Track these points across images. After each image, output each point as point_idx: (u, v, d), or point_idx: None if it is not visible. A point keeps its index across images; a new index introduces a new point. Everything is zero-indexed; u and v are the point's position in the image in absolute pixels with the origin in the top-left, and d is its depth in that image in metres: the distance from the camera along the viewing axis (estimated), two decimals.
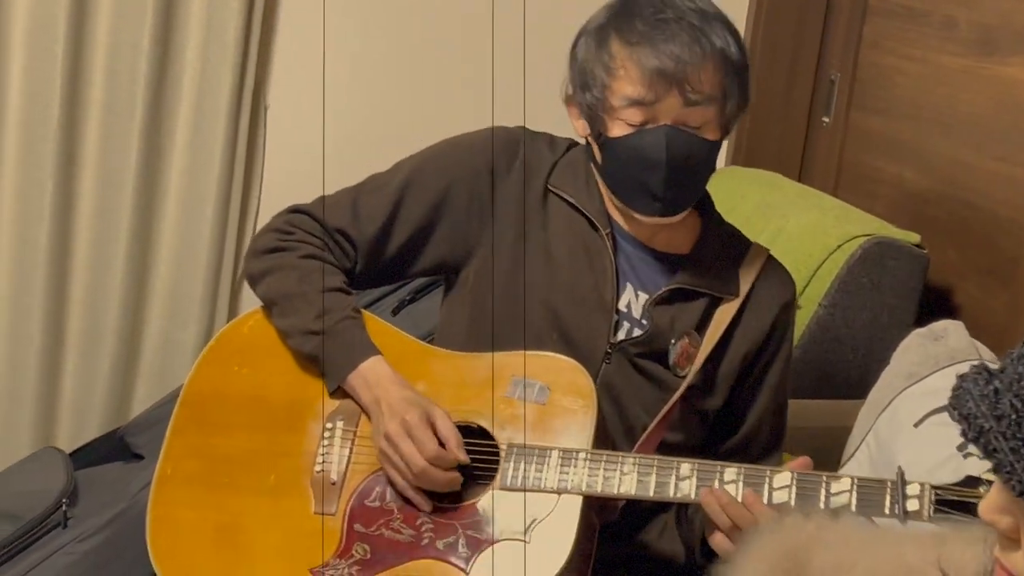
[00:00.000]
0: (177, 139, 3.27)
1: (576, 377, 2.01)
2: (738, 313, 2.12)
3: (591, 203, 2.12)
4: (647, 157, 2.01)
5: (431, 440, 1.95)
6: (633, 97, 2.00)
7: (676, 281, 2.11)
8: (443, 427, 1.97)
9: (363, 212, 2.16)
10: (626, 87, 2.00)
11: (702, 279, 2.12)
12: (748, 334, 2.13)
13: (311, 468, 2.03)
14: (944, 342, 2.50)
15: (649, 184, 2.03)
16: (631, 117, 2.01)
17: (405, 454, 1.95)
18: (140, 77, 3.17)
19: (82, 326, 3.28)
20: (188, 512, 2.05)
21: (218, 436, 2.09)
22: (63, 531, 2.59)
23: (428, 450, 1.94)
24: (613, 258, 2.10)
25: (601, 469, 1.93)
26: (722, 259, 2.15)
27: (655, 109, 1.99)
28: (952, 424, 2.28)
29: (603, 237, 2.10)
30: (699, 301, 2.12)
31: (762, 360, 2.16)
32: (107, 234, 3.25)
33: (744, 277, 2.14)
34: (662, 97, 1.98)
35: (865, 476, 1.88)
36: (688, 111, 2.00)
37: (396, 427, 1.96)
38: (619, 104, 2.01)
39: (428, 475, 1.95)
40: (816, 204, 3.07)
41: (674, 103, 1.99)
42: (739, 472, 1.89)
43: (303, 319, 2.08)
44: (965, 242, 2.92)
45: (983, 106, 2.89)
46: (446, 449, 1.95)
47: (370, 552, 1.96)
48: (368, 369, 2.04)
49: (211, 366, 2.15)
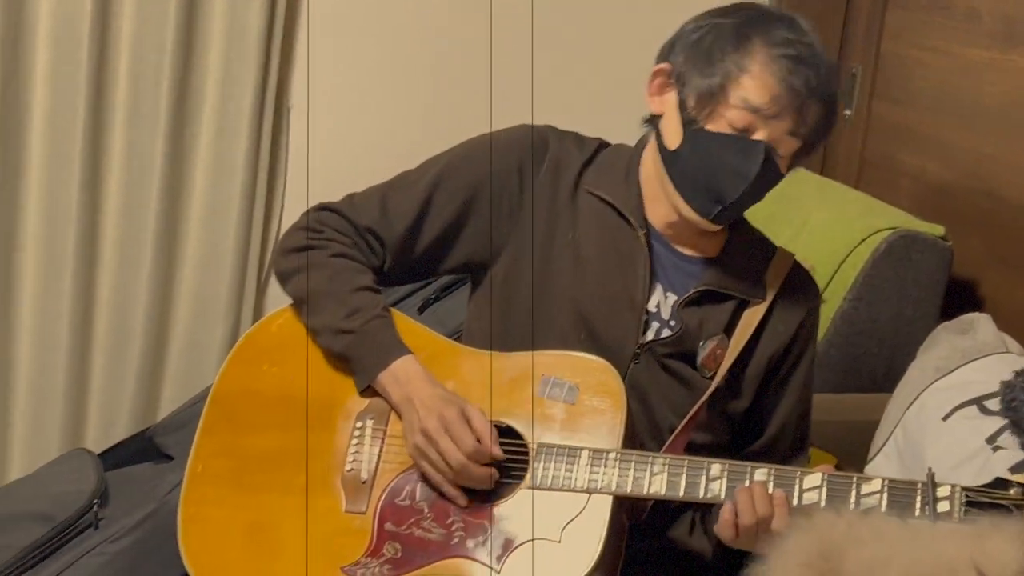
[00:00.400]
0: (201, 141, 3.28)
1: (606, 377, 2.01)
2: (765, 316, 2.12)
3: (629, 203, 2.12)
4: (735, 163, 1.99)
5: (469, 436, 1.95)
6: (754, 104, 1.97)
7: (705, 283, 2.11)
8: (478, 423, 1.97)
9: (392, 210, 2.16)
10: (752, 91, 1.97)
11: (730, 282, 2.12)
12: (774, 337, 2.14)
13: (341, 467, 2.04)
14: (972, 335, 2.49)
15: (723, 189, 2.01)
16: (737, 120, 1.98)
17: (444, 450, 1.95)
18: (164, 80, 3.19)
19: (109, 328, 3.30)
20: (219, 510, 2.05)
21: (248, 435, 2.09)
22: (95, 532, 2.60)
23: (467, 445, 1.95)
24: (649, 258, 2.10)
25: (631, 469, 1.93)
26: (749, 263, 2.15)
27: (766, 124, 1.98)
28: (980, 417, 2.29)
29: (639, 237, 2.10)
30: (727, 304, 2.12)
31: (787, 363, 2.16)
32: (133, 236, 3.26)
33: (771, 281, 2.14)
34: (779, 116, 1.97)
35: (895, 477, 1.88)
36: (786, 139, 1.99)
37: (435, 423, 1.97)
38: (735, 102, 1.98)
39: (467, 470, 1.95)
40: (839, 197, 3.07)
41: (783, 126, 1.98)
42: (769, 473, 1.90)
43: (333, 318, 2.09)
44: (989, 233, 2.91)
45: (1006, 97, 2.88)
46: (482, 444, 1.96)
47: (401, 551, 1.96)
48: (399, 368, 2.05)
49: (240, 365, 2.16)
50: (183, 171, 3.29)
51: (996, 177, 2.90)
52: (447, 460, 1.96)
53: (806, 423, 2.22)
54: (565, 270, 2.11)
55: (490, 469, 1.97)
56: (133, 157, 3.23)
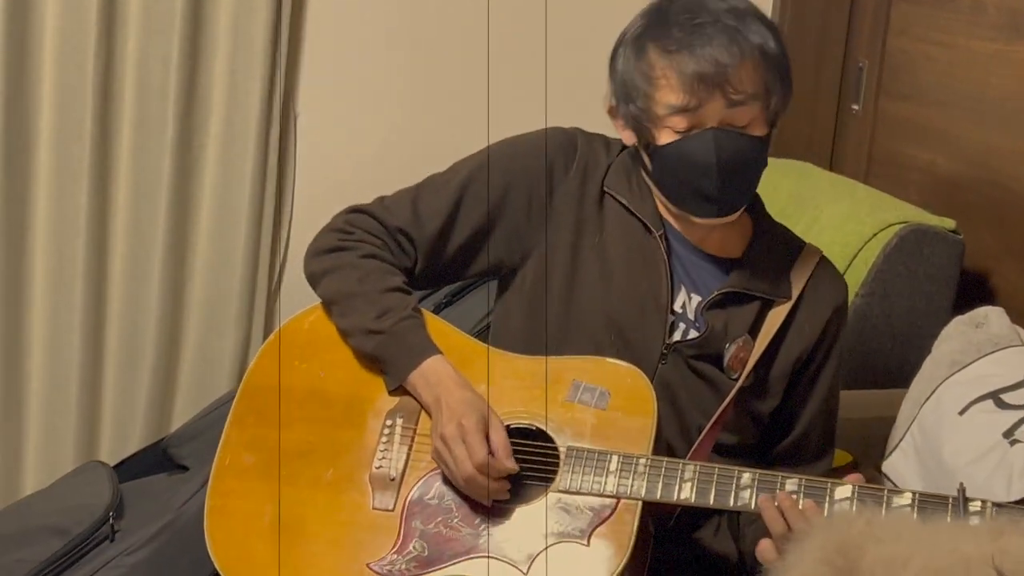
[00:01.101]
0: (209, 152, 3.28)
1: (637, 383, 2.02)
2: (790, 315, 2.13)
3: (643, 206, 2.13)
4: (697, 162, 2.02)
5: (482, 447, 1.95)
6: (676, 105, 2.00)
7: (728, 285, 2.11)
8: (495, 435, 1.97)
9: (423, 211, 2.17)
10: (668, 95, 2.01)
11: (754, 282, 2.12)
12: (801, 336, 2.14)
13: (370, 464, 2.04)
14: (985, 329, 2.49)
15: (702, 187, 2.03)
16: (677, 124, 2.02)
17: (457, 458, 1.96)
18: (170, 91, 3.19)
19: (121, 340, 3.30)
20: (246, 503, 2.06)
21: (277, 429, 2.09)
22: (111, 545, 2.60)
23: (477, 457, 1.95)
24: (667, 260, 2.10)
25: (661, 475, 1.93)
26: (774, 261, 2.16)
27: (700, 114, 2.00)
28: (997, 411, 2.28)
29: (657, 239, 2.11)
30: (752, 304, 2.12)
31: (815, 363, 2.16)
32: (142, 248, 3.27)
33: (796, 279, 2.14)
34: (705, 102, 1.99)
35: (926, 491, 1.87)
36: (733, 111, 2.00)
37: (452, 430, 1.97)
38: (664, 112, 2.02)
39: (475, 482, 1.95)
40: (849, 193, 3.06)
41: (718, 106, 1.99)
42: (800, 483, 1.89)
43: (364, 318, 2.09)
44: (1001, 226, 2.91)
45: (1014, 89, 2.88)
46: (495, 458, 1.96)
47: (427, 549, 1.97)
48: (429, 369, 2.05)
49: (272, 360, 2.16)
50: (191, 182, 3.29)
51: (1005, 169, 2.90)
52: (457, 468, 1.96)
53: (833, 422, 2.22)
54: (593, 273, 2.12)
55: (500, 483, 1.96)
56: (141, 169, 3.23)
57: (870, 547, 1.37)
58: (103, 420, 3.33)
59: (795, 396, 2.16)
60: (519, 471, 1.98)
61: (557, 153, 2.17)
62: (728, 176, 2.02)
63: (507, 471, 1.96)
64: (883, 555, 1.36)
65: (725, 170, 2.01)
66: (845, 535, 1.40)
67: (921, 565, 1.33)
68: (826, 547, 1.40)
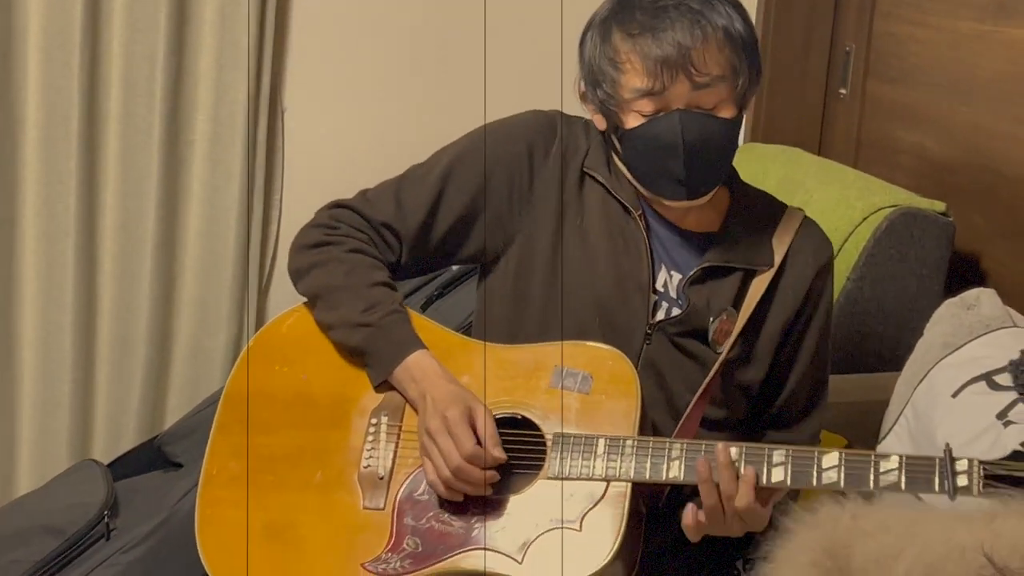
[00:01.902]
0: (196, 148, 3.28)
1: (618, 365, 2.02)
2: (773, 283, 2.12)
3: (621, 187, 2.13)
4: (664, 144, 2.02)
5: (469, 438, 1.95)
6: (642, 88, 2.00)
7: (708, 260, 2.11)
8: (482, 424, 1.97)
9: (407, 204, 2.17)
10: (633, 80, 2.01)
11: (733, 254, 2.12)
12: (785, 302, 2.14)
13: (358, 463, 2.04)
14: (977, 311, 2.49)
15: (671, 170, 2.03)
16: (643, 108, 2.02)
17: (444, 450, 1.96)
18: (157, 88, 3.19)
19: (112, 338, 3.30)
20: (236, 511, 2.05)
21: (262, 435, 2.09)
22: (106, 543, 2.60)
23: (465, 448, 1.95)
24: (647, 240, 2.10)
25: (648, 456, 1.93)
26: (754, 230, 2.15)
27: (665, 97, 2.00)
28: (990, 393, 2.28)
29: (636, 219, 2.11)
30: (733, 276, 2.12)
31: (799, 325, 2.16)
32: (132, 245, 3.26)
33: (778, 245, 2.14)
34: (670, 85, 1.99)
35: (913, 454, 1.87)
36: (699, 94, 2.00)
37: (438, 423, 1.97)
38: (630, 97, 2.02)
39: (464, 472, 1.95)
40: (838, 177, 3.06)
41: (683, 89, 1.99)
42: (787, 455, 1.89)
43: (350, 312, 2.09)
44: (990, 208, 2.91)
45: (1001, 70, 2.88)
46: (483, 447, 1.96)
47: (421, 545, 1.97)
48: (414, 363, 2.05)
49: (252, 367, 2.16)
50: (180, 178, 3.29)
51: (994, 150, 2.90)
52: (445, 460, 1.96)
53: (822, 382, 2.21)
54: (577, 257, 2.12)
55: (489, 473, 1.96)
56: (129, 166, 3.23)
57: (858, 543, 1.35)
58: (96, 419, 3.33)
59: (781, 360, 2.16)
60: (507, 460, 1.98)
61: (536, 137, 2.17)
62: (695, 158, 2.02)
63: (495, 461, 1.96)
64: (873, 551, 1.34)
65: (692, 152, 2.01)
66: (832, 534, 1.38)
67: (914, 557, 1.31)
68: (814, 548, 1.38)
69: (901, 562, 1.31)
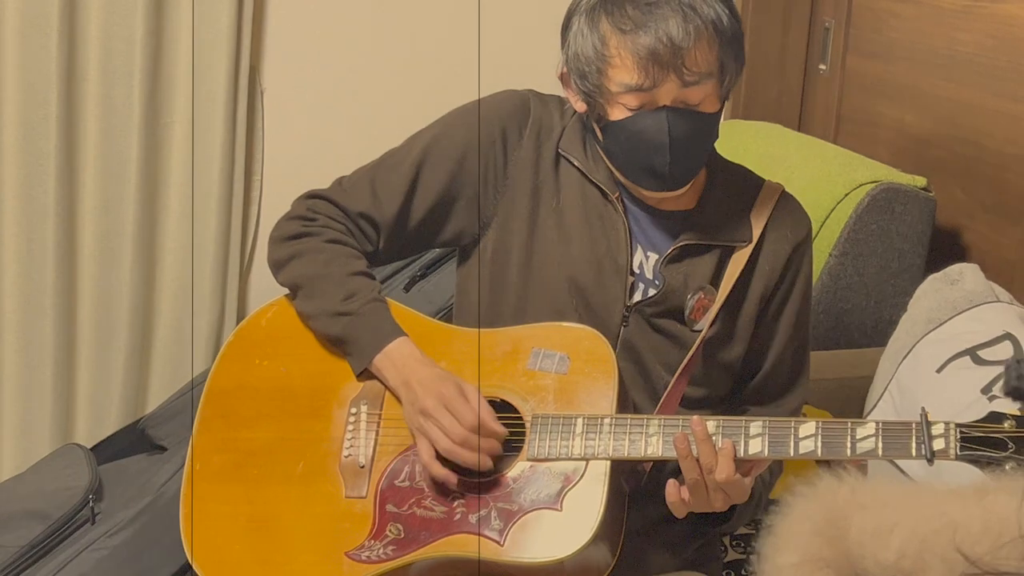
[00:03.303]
0: (176, 129, 3.27)
1: (595, 344, 2.01)
2: (752, 259, 2.12)
3: (597, 170, 2.12)
4: (650, 140, 2.01)
5: (469, 411, 1.96)
6: (630, 84, 1.98)
7: (683, 238, 2.11)
8: (475, 400, 1.98)
9: (382, 192, 2.16)
10: (622, 74, 1.98)
11: (710, 232, 2.12)
12: (762, 277, 2.13)
13: (339, 453, 2.04)
14: (960, 285, 2.50)
15: (653, 164, 2.03)
16: (629, 102, 2.00)
17: (446, 426, 1.96)
18: (135, 70, 3.17)
19: (94, 322, 3.29)
20: (220, 506, 2.05)
21: (244, 429, 2.09)
22: (92, 527, 2.60)
23: (468, 420, 1.95)
24: (625, 221, 2.10)
25: (627, 433, 1.94)
26: (731, 206, 2.15)
27: (653, 93, 1.98)
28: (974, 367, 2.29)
29: (613, 201, 2.11)
30: (711, 254, 2.12)
31: (777, 300, 2.15)
32: (113, 228, 3.25)
33: (756, 221, 2.13)
34: (659, 82, 1.97)
35: (889, 420, 1.87)
36: (686, 91, 1.99)
37: (433, 401, 1.97)
38: (617, 90, 2.00)
39: (471, 443, 1.95)
40: (819, 153, 3.07)
41: (672, 86, 1.97)
42: (764, 426, 1.89)
43: (330, 301, 2.09)
44: (971, 182, 2.92)
45: (981, 45, 2.88)
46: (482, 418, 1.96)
47: (403, 531, 1.97)
48: (395, 350, 2.05)
49: (232, 361, 2.16)
50: (160, 161, 3.28)
51: (974, 125, 2.90)
52: (449, 435, 1.96)
53: (802, 357, 2.20)
54: (552, 238, 2.12)
55: (493, 442, 1.96)
56: (108, 149, 3.21)
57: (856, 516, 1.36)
58: (79, 402, 3.32)
59: (760, 335, 2.15)
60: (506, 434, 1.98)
61: (510, 118, 2.16)
62: (679, 154, 2.01)
63: (496, 433, 1.97)
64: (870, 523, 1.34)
65: (677, 148, 2.00)
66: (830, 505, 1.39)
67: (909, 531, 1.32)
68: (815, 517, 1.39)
69: (896, 535, 1.32)
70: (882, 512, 1.34)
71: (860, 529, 1.33)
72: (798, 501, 1.41)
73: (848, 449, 1.83)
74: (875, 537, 1.32)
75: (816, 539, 1.35)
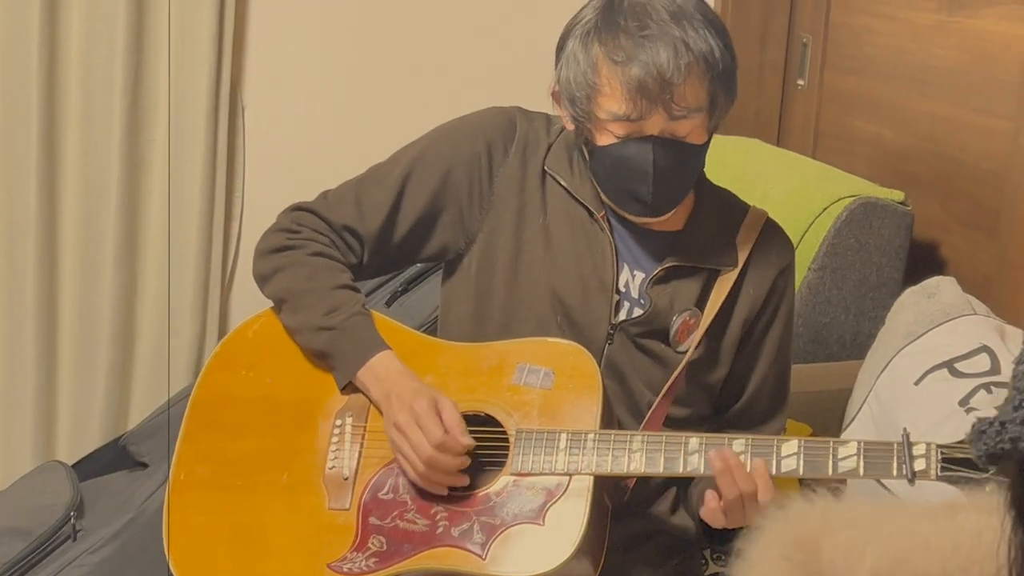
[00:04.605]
0: (157, 145, 3.27)
1: (580, 360, 2.02)
2: (736, 283, 2.13)
3: (583, 188, 2.13)
4: (634, 168, 2.01)
5: (438, 427, 1.96)
6: (618, 113, 1.99)
7: (671, 259, 2.11)
8: (448, 414, 1.98)
9: (367, 206, 2.17)
10: (611, 103, 1.99)
11: (697, 254, 2.12)
12: (747, 302, 2.14)
13: (323, 465, 2.05)
14: (937, 299, 2.51)
15: (638, 192, 2.04)
16: (617, 130, 2.01)
17: (414, 442, 1.96)
18: (116, 86, 3.17)
19: (75, 337, 3.28)
20: (204, 516, 2.05)
21: (229, 439, 2.10)
22: (73, 544, 2.59)
23: (434, 436, 1.95)
24: (611, 238, 2.11)
25: (610, 449, 1.94)
26: (718, 230, 2.15)
27: (641, 124, 1.99)
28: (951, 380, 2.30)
29: (599, 220, 2.11)
30: (697, 276, 2.12)
31: (761, 324, 2.16)
32: (94, 243, 3.25)
33: (742, 245, 2.14)
34: (647, 115, 1.97)
35: (871, 440, 1.89)
36: (674, 124, 1.99)
37: (405, 416, 1.98)
38: (605, 117, 2.01)
39: (436, 461, 1.96)
40: (797, 168, 3.08)
41: (659, 119, 1.98)
42: (747, 443, 1.90)
43: (314, 315, 2.10)
44: (948, 196, 2.93)
45: (957, 60, 2.90)
46: (450, 435, 1.96)
47: (386, 544, 1.97)
48: (378, 364, 2.05)
49: (218, 372, 2.16)
50: (141, 176, 3.27)
51: (951, 139, 2.92)
52: (416, 452, 1.96)
53: (784, 384, 2.22)
54: (537, 255, 2.12)
55: (460, 459, 1.97)
56: (89, 165, 3.21)
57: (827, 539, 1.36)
58: (60, 419, 3.31)
59: (742, 360, 2.16)
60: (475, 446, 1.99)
61: (495, 135, 2.16)
62: (664, 183, 2.02)
63: (464, 447, 1.97)
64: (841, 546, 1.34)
65: (661, 178, 2.01)
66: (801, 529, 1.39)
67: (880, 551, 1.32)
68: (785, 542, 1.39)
69: (868, 556, 1.32)
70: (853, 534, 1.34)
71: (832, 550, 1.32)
72: (769, 524, 1.41)
73: (830, 468, 1.84)
74: (847, 558, 1.32)
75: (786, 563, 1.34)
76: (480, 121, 2.18)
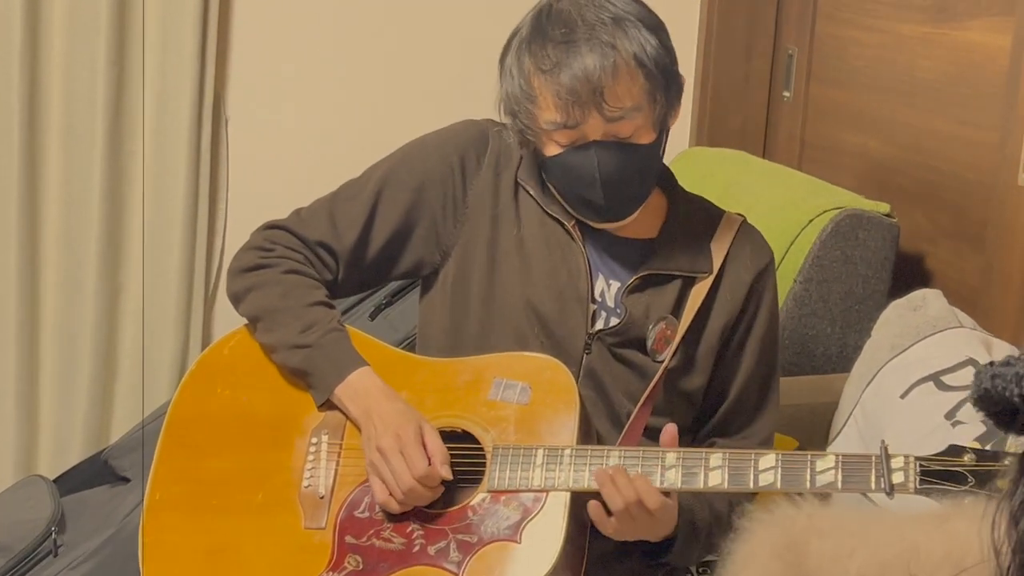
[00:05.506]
0: (139, 158, 3.25)
1: (557, 374, 2.01)
2: (713, 289, 2.12)
3: (553, 200, 2.12)
4: (583, 175, 2.02)
5: (422, 459, 1.95)
6: (556, 122, 1.99)
7: (645, 268, 2.11)
8: (432, 444, 1.97)
9: (341, 222, 2.16)
10: (548, 113, 2.00)
11: (672, 261, 2.12)
12: (724, 308, 2.13)
13: (299, 483, 2.03)
14: (923, 311, 2.50)
15: (591, 199, 2.04)
16: (560, 139, 2.01)
17: (396, 470, 1.95)
18: (98, 99, 3.16)
19: (57, 352, 3.27)
20: (179, 536, 2.04)
21: (205, 458, 2.08)
22: (54, 559, 2.58)
23: (418, 469, 1.94)
24: (583, 249, 2.10)
25: (587, 464, 1.93)
26: (693, 236, 2.15)
27: (581, 129, 1.99)
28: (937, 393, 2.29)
29: (570, 230, 2.11)
30: (672, 284, 2.11)
31: (740, 329, 2.15)
32: (76, 258, 3.24)
33: (717, 251, 2.13)
34: (583, 120, 1.98)
35: (849, 453, 1.88)
36: (613, 125, 1.99)
37: (390, 442, 1.96)
38: (546, 127, 2.01)
39: (415, 493, 1.95)
40: (783, 180, 3.08)
41: (596, 122, 1.98)
42: (724, 458, 1.89)
43: (289, 333, 2.08)
44: (934, 208, 2.93)
45: (942, 72, 2.90)
46: (432, 466, 1.95)
47: (362, 563, 1.96)
48: (356, 381, 2.04)
49: (194, 390, 2.15)
50: (123, 190, 3.26)
51: (937, 151, 2.91)
52: (397, 480, 1.95)
53: (769, 388, 2.20)
54: (513, 267, 2.12)
55: (436, 490, 1.96)
56: (71, 178, 3.20)
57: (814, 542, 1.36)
58: (41, 433, 3.30)
59: (724, 366, 2.15)
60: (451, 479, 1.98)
61: (468, 147, 2.16)
62: (613, 188, 2.02)
63: (444, 478, 1.96)
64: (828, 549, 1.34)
65: (609, 183, 2.01)
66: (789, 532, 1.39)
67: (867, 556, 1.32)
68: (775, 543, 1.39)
69: (855, 561, 1.32)
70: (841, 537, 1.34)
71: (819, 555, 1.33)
72: (756, 527, 1.41)
73: (808, 482, 1.84)
74: (834, 562, 1.32)
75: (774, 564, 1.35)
76: (452, 134, 2.18)
